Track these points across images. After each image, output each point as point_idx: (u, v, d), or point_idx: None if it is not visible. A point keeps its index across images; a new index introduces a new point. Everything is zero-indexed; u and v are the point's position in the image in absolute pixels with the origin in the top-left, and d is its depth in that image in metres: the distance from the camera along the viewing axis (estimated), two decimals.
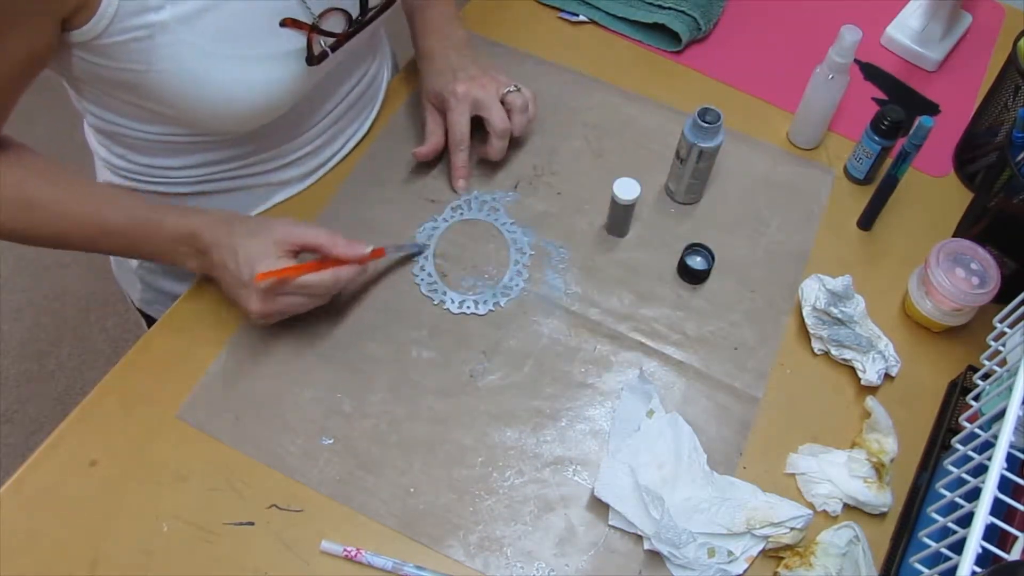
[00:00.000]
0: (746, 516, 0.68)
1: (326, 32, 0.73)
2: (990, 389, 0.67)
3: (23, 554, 0.67)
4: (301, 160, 0.86)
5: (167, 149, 0.78)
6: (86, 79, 0.70)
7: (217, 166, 0.81)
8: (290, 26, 0.70)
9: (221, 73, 0.68)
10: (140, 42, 0.64)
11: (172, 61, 0.66)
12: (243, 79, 0.70)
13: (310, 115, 0.84)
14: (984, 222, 0.82)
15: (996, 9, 1.12)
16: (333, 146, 0.89)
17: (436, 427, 0.75)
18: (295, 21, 0.70)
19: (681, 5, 1.02)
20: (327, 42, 0.74)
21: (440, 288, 0.82)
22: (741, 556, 0.68)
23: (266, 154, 0.83)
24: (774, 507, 0.69)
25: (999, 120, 0.89)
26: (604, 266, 0.85)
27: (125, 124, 0.76)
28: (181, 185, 0.82)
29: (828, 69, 0.87)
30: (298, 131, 0.84)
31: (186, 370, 0.76)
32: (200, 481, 0.71)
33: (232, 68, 0.69)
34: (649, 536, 0.68)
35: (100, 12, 0.61)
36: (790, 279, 0.85)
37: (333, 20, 0.74)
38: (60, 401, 1.73)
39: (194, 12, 0.64)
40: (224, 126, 0.74)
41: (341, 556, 0.68)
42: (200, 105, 0.70)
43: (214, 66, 0.68)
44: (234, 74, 0.69)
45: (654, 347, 0.80)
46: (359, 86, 0.89)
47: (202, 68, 0.67)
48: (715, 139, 0.83)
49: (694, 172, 0.85)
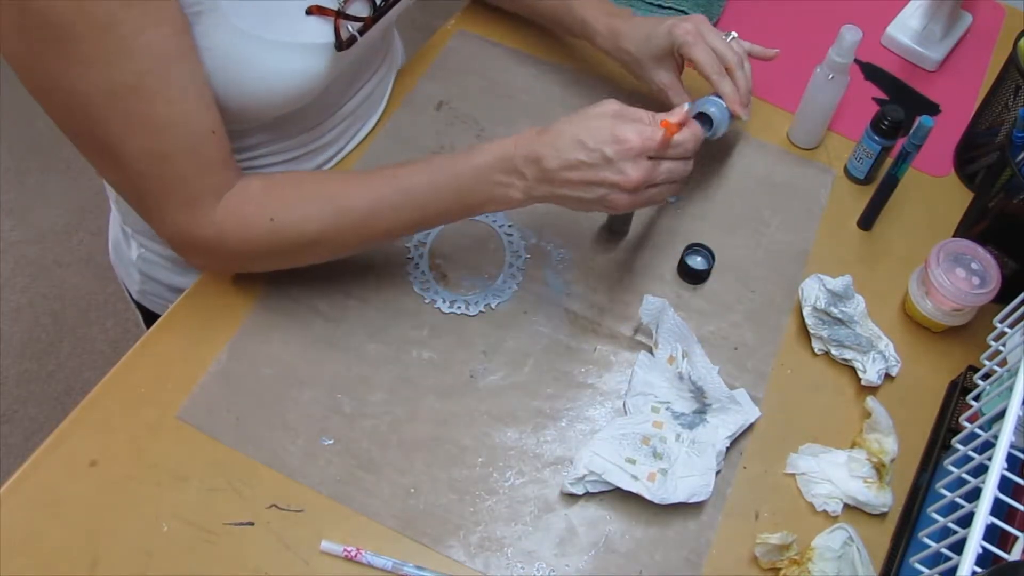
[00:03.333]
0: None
1: (352, 17, 0.73)
2: (990, 389, 0.67)
3: (23, 554, 0.67)
4: (313, 153, 0.86)
5: None
6: None
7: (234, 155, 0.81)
8: (316, 13, 0.70)
9: (260, 56, 0.68)
10: (195, 16, 0.63)
11: (217, 39, 0.65)
12: (279, 64, 0.70)
13: (328, 107, 0.84)
14: (984, 222, 0.82)
15: (996, 9, 1.12)
16: (343, 139, 0.89)
17: (436, 427, 0.75)
18: (321, 8, 0.70)
19: (681, 5, 1.02)
20: (354, 27, 0.74)
21: (433, 287, 0.82)
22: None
23: (279, 145, 0.82)
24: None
25: (999, 120, 0.89)
26: (604, 266, 0.85)
27: None
28: None
29: (828, 69, 0.87)
30: (314, 123, 0.83)
31: (186, 370, 0.76)
32: (200, 481, 0.71)
33: (270, 53, 0.69)
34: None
35: None
36: (790, 279, 0.85)
37: (358, 6, 0.75)
38: (60, 401, 1.73)
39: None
40: (254, 111, 0.74)
41: (341, 556, 0.67)
42: (237, 89, 0.69)
43: (255, 49, 0.68)
44: (272, 58, 0.69)
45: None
46: (372, 80, 0.89)
47: (245, 50, 0.67)
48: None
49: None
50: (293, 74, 0.71)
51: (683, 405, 0.75)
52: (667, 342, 0.77)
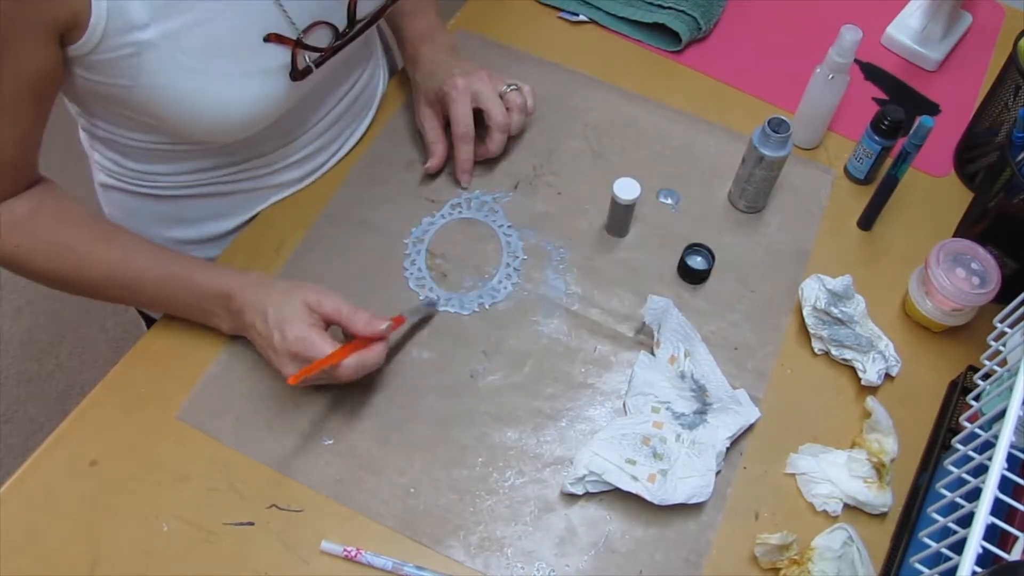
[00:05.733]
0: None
1: (310, 47, 0.73)
2: (990, 389, 0.67)
3: (23, 554, 0.67)
4: (296, 164, 0.86)
5: (159, 156, 0.78)
6: (79, 91, 0.70)
7: (210, 172, 0.81)
8: (274, 41, 0.70)
9: (208, 89, 0.68)
10: (128, 59, 0.64)
11: (159, 77, 0.66)
12: (230, 94, 0.70)
13: (303, 121, 0.84)
14: (984, 222, 0.82)
15: (996, 9, 1.12)
16: (329, 150, 0.89)
17: (436, 427, 0.75)
18: (279, 36, 0.70)
19: (681, 5, 1.02)
20: (311, 57, 0.74)
21: (428, 285, 0.82)
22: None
23: (259, 160, 0.83)
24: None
25: (999, 120, 0.89)
26: (604, 266, 0.85)
27: (117, 132, 0.76)
28: (175, 189, 0.82)
29: (828, 69, 0.87)
30: (291, 137, 0.84)
31: (186, 370, 0.76)
32: (200, 481, 0.71)
33: (219, 84, 0.69)
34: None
35: (90, 30, 0.61)
36: (790, 279, 0.85)
37: (319, 34, 0.74)
38: (60, 401, 1.73)
39: (180, 29, 0.64)
40: (212, 137, 0.75)
41: (341, 556, 0.67)
42: (188, 119, 0.70)
43: (201, 82, 0.68)
44: (221, 89, 0.69)
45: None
46: (353, 90, 0.88)
47: (189, 84, 0.67)
48: (780, 149, 0.82)
49: (749, 178, 0.85)
50: (250, 100, 0.71)
51: (683, 405, 0.75)
52: (669, 341, 0.77)
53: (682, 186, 0.91)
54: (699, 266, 0.83)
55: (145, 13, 0.62)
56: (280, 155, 0.84)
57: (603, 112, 0.97)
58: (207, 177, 0.82)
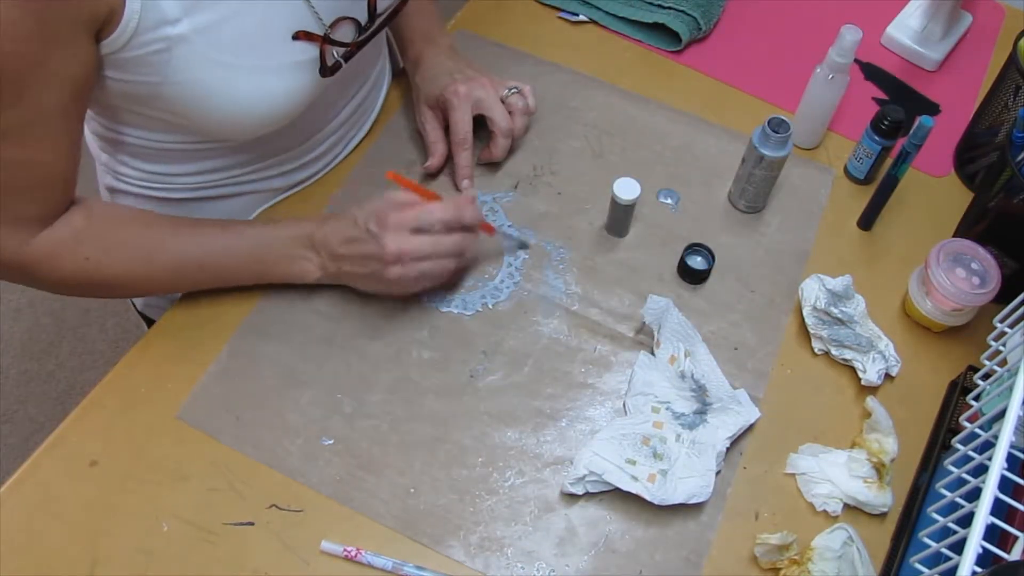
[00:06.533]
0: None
1: (338, 43, 0.74)
2: (990, 389, 0.67)
3: (23, 554, 0.67)
4: (306, 164, 0.86)
5: (172, 156, 0.78)
6: (103, 93, 0.69)
7: (222, 172, 0.81)
8: (303, 38, 0.71)
9: (237, 84, 0.68)
10: (158, 55, 0.64)
11: (189, 72, 0.66)
12: (258, 89, 0.70)
13: (318, 120, 0.84)
14: (984, 222, 0.82)
15: (996, 9, 1.12)
16: (336, 149, 0.89)
17: (436, 427, 0.75)
18: (308, 33, 0.71)
19: (681, 5, 1.02)
20: (339, 52, 0.74)
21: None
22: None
23: (273, 159, 0.83)
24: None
25: (999, 120, 0.89)
26: (604, 266, 0.85)
27: (130, 132, 0.76)
28: (187, 191, 0.82)
29: (828, 69, 0.87)
30: (305, 136, 0.84)
31: (186, 370, 0.76)
32: (200, 481, 0.71)
33: (247, 78, 0.69)
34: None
35: (122, 26, 0.61)
36: (790, 279, 0.85)
37: (344, 29, 0.75)
38: (60, 401, 1.73)
39: (211, 24, 0.64)
40: (236, 134, 0.75)
41: (341, 556, 0.68)
42: (215, 115, 0.70)
43: (231, 77, 0.68)
44: (249, 84, 0.69)
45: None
46: (363, 89, 0.89)
47: (219, 79, 0.67)
48: (780, 149, 0.82)
49: (749, 178, 0.85)
50: (278, 95, 0.72)
51: (683, 405, 0.75)
52: (669, 341, 0.77)
53: (682, 186, 0.91)
54: (699, 266, 0.83)
55: (177, 8, 0.62)
56: (295, 154, 0.84)
57: (603, 112, 0.97)
58: (221, 178, 0.82)
